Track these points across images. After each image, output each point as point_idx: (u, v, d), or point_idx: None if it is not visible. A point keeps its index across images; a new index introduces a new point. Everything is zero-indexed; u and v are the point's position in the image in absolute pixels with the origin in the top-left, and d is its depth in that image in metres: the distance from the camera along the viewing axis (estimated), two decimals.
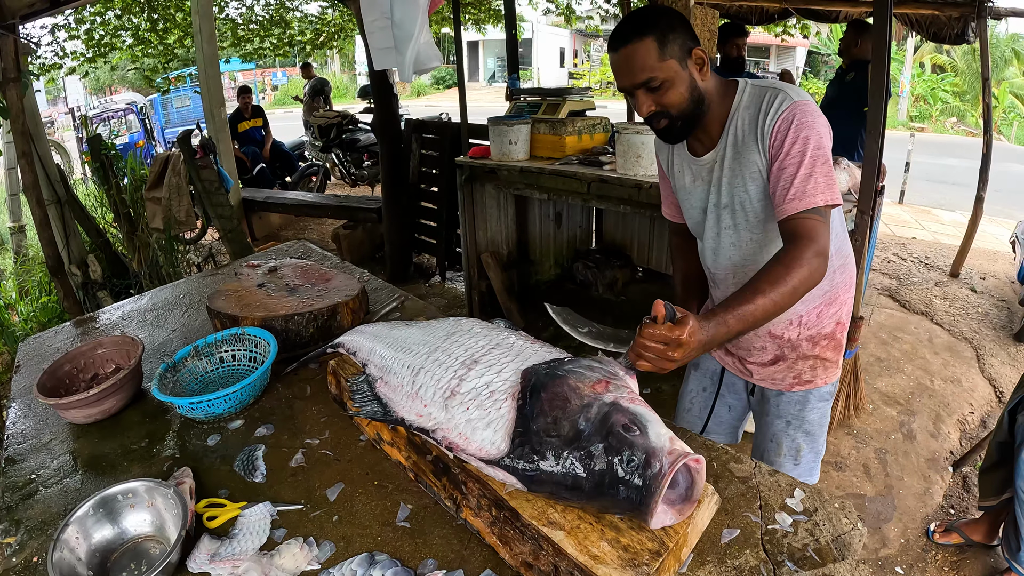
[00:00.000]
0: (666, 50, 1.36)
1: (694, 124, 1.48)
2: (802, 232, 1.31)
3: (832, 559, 1.04)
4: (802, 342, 1.66)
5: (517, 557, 1.02)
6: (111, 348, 1.75)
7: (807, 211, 1.32)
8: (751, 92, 1.45)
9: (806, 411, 1.74)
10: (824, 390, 1.74)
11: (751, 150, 1.43)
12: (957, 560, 2.60)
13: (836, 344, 1.69)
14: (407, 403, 1.19)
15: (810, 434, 1.75)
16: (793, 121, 1.34)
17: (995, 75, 17.97)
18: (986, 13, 5.08)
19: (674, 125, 1.46)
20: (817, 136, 1.34)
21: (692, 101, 1.43)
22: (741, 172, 1.47)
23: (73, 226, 5.30)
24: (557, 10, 9.49)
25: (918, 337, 4.50)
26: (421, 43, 2.88)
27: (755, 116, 1.41)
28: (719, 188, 1.54)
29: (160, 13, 8.40)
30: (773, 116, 1.37)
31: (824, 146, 1.35)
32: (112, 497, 1.15)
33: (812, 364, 1.69)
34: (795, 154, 1.34)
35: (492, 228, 4.56)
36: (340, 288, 1.95)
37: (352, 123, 8.83)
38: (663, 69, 1.37)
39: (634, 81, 1.39)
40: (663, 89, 1.39)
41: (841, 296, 1.67)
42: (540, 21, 23.96)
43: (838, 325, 1.68)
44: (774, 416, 1.78)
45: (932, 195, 9.25)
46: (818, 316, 1.64)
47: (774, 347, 1.70)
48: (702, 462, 0.96)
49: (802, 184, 1.32)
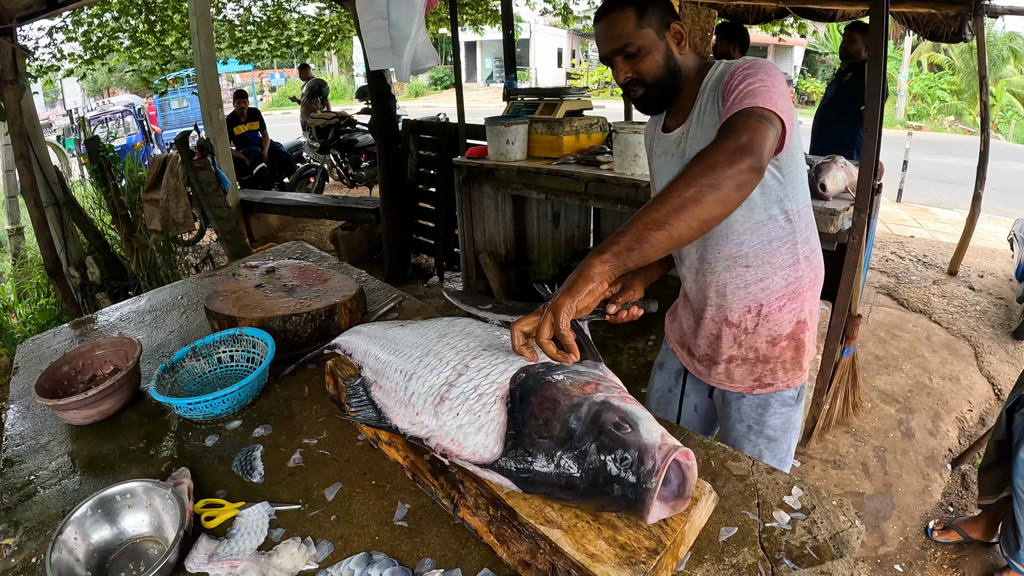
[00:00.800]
0: (644, 19, 1.43)
1: (669, 95, 1.53)
2: (726, 127, 1.22)
3: (830, 557, 1.04)
4: (760, 340, 1.62)
5: (515, 556, 1.02)
6: (109, 349, 1.75)
7: (736, 113, 1.24)
8: (721, 67, 1.47)
9: (767, 416, 1.70)
10: (786, 394, 1.69)
11: (712, 115, 1.44)
12: (956, 558, 2.61)
13: (797, 345, 1.63)
14: (400, 410, 1.19)
15: (773, 440, 1.71)
16: (740, 67, 1.36)
17: (992, 73, 17.99)
18: (983, 11, 5.09)
19: (649, 93, 1.51)
20: (764, 74, 1.31)
21: (667, 70, 1.48)
22: (704, 139, 1.46)
23: (71, 228, 5.30)
24: (554, 10, 9.50)
25: (916, 335, 4.51)
26: (418, 43, 2.88)
27: (716, 83, 1.44)
28: (683, 160, 1.54)
29: (158, 15, 8.41)
30: (728, 73, 1.39)
31: (771, 81, 1.29)
32: (110, 498, 1.15)
33: (772, 367, 1.64)
34: (739, 84, 1.31)
35: (490, 228, 4.57)
36: (338, 289, 1.95)
37: (350, 124, 8.85)
38: (640, 36, 1.44)
39: (613, 47, 1.46)
40: (639, 56, 1.45)
41: (805, 292, 1.60)
42: (538, 21, 23.98)
43: (799, 324, 1.61)
44: (735, 420, 1.74)
45: (930, 193, 9.27)
46: (779, 309, 1.58)
47: (729, 339, 1.64)
48: (691, 455, 0.95)
49: (738, 97, 1.27)
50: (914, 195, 8.92)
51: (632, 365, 4.03)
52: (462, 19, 9.68)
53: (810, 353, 1.67)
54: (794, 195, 1.49)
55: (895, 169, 8.81)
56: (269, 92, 28.64)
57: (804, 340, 1.63)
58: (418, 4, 2.82)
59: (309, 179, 8.94)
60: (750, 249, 1.52)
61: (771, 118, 1.22)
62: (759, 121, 1.20)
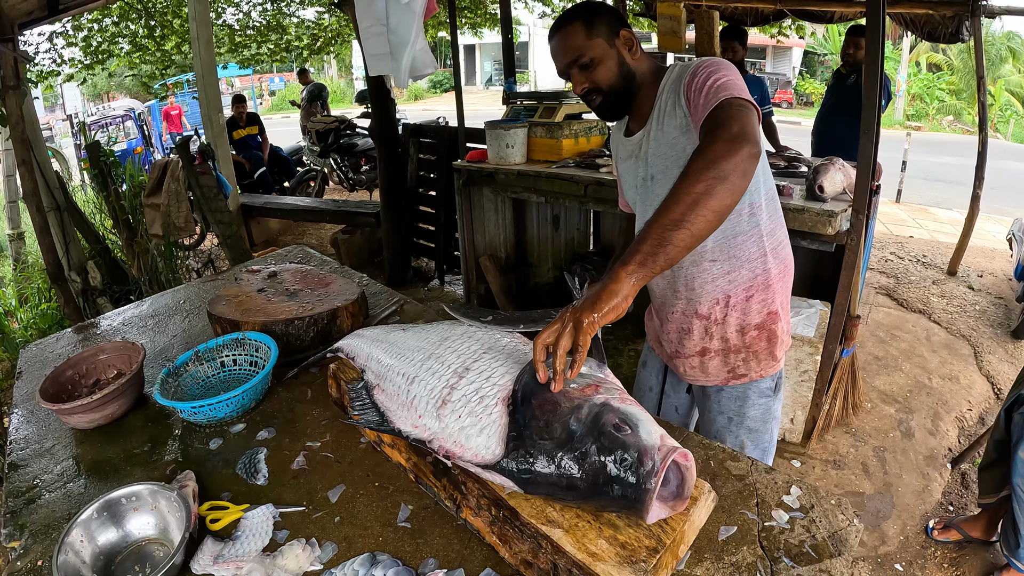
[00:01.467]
0: (593, 31, 1.48)
1: (626, 100, 1.58)
2: (707, 126, 1.29)
3: (829, 555, 1.05)
4: (730, 330, 1.64)
5: (517, 556, 1.03)
6: (113, 354, 1.76)
7: (714, 108, 1.30)
8: (678, 69, 1.51)
9: (747, 407, 1.73)
10: (763, 384, 1.71)
11: (672, 115, 1.48)
12: (956, 557, 2.61)
13: (769, 335, 1.65)
14: (403, 413, 1.21)
15: (753, 431, 1.74)
16: (701, 65, 1.40)
17: (991, 73, 18.02)
18: (980, 12, 5.11)
19: (607, 100, 1.56)
20: (725, 68, 1.37)
21: (621, 76, 1.53)
22: (664, 138, 1.51)
23: (72, 233, 5.32)
24: (553, 13, 9.51)
25: (916, 335, 4.52)
26: (417, 49, 2.90)
27: (676, 82, 1.48)
28: (646, 161, 1.59)
29: (157, 20, 8.42)
30: (687, 71, 1.43)
31: (733, 75, 1.36)
32: (116, 500, 1.16)
33: (744, 357, 1.66)
34: (704, 82, 1.36)
35: (490, 231, 4.58)
36: (340, 293, 1.96)
37: (350, 128, 8.87)
38: (591, 47, 1.49)
39: (567, 60, 1.52)
40: (592, 66, 1.50)
41: (775, 284, 1.62)
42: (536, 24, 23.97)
43: (770, 315, 1.63)
44: (715, 412, 1.77)
45: (929, 193, 9.29)
46: (747, 299, 1.60)
47: (700, 331, 1.66)
48: (690, 456, 0.96)
49: (710, 92, 1.33)
50: (913, 195, 8.94)
51: (633, 367, 4.02)
52: (461, 22, 9.70)
53: (784, 343, 1.69)
54: (755, 188, 1.52)
55: (894, 169, 8.83)
56: (268, 96, 28.68)
57: (776, 331, 1.65)
58: (417, 11, 2.84)
59: (309, 183, 8.96)
60: (715, 244, 1.55)
61: (748, 107, 1.27)
62: (740, 110, 1.26)
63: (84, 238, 5.43)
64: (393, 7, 2.86)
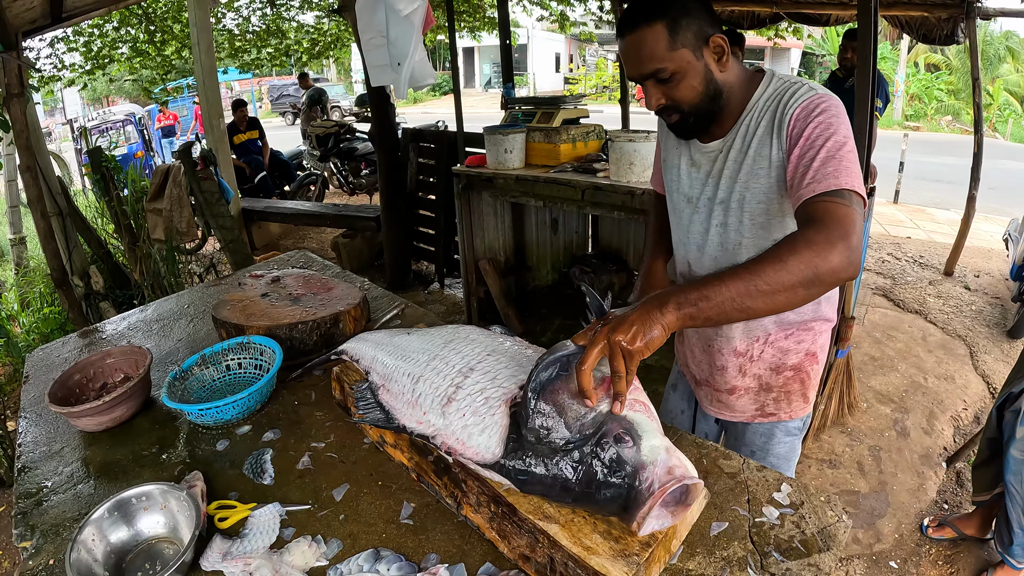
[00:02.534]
0: (678, 38, 1.24)
1: (710, 119, 1.37)
2: (823, 215, 1.12)
3: (817, 550, 1.08)
4: (765, 368, 1.56)
5: (515, 550, 1.07)
6: (120, 358, 1.79)
7: (827, 193, 1.15)
8: (776, 84, 1.33)
9: (772, 444, 1.66)
10: (791, 424, 1.64)
11: (765, 143, 1.31)
12: (951, 554, 2.64)
13: (803, 378, 1.57)
14: (408, 410, 1.24)
15: (775, 466, 1.66)
16: (816, 109, 1.23)
17: (990, 72, 18.04)
18: (975, 14, 5.13)
19: (686, 120, 1.36)
20: (844, 128, 1.21)
21: (707, 96, 1.32)
22: (749, 166, 1.34)
23: (75, 238, 5.35)
24: (551, 17, 9.55)
25: (912, 336, 4.55)
26: (416, 61, 2.95)
27: (776, 108, 1.29)
28: (718, 181, 1.41)
29: (158, 25, 8.44)
30: (793, 104, 1.26)
31: (850, 140, 1.21)
32: (127, 500, 1.20)
33: (776, 396, 1.59)
34: (816, 139, 1.20)
35: (489, 235, 4.61)
36: (342, 297, 2.00)
37: (350, 132, 8.90)
38: (674, 59, 1.26)
39: (642, 72, 1.29)
40: (674, 81, 1.28)
41: (818, 327, 1.54)
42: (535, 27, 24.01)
43: (807, 356, 1.55)
44: (740, 444, 1.71)
45: (927, 194, 9.30)
46: (786, 337, 1.52)
47: (735, 368, 1.58)
48: (700, 486, 0.98)
49: (822, 166, 1.17)
50: (911, 196, 8.95)
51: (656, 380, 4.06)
52: (460, 26, 9.73)
53: (815, 387, 1.62)
54: None
55: (892, 170, 8.85)
56: (268, 100, 28.69)
57: (811, 373, 1.58)
58: (416, 24, 2.89)
59: (310, 187, 9.00)
60: None
61: (859, 202, 1.15)
62: (851, 208, 1.12)
63: (86, 243, 5.46)
64: (393, 20, 2.91)
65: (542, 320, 4.83)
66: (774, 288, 1.02)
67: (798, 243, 1.06)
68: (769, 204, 1.35)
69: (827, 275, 1.05)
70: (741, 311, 1.03)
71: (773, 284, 1.02)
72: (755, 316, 1.06)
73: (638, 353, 0.96)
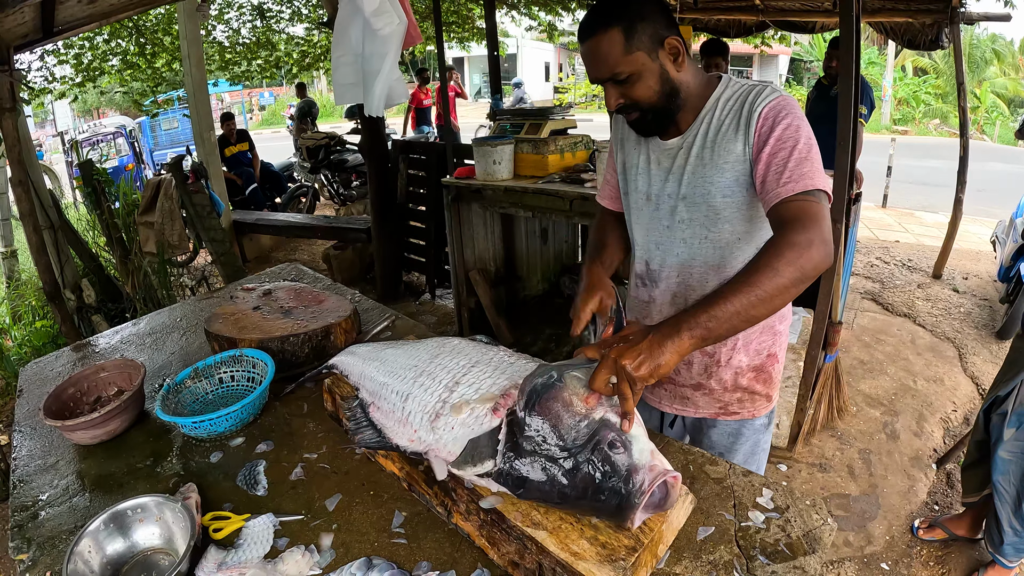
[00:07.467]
0: (633, 41, 1.30)
1: (668, 116, 1.43)
2: (799, 214, 1.21)
3: (803, 552, 1.10)
4: (729, 371, 1.59)
5: (505, 557, 1.09)
6: (113, 371, 1.80)
7: (803, 193, 1.24)
8: (736, 86, 1.41)
9: (738, 443, 1.69)
10: (756, 423, 1.68)
11: (730, 138, 1.37)
12: (942, 555, 2.67)
13: (766, 378, 1.62)
14: (399, 429, 1.27)
15: (743, 463, 1.68)
16: (783, 111, 1.31)
17: (976, 75, 18.22)
18: (959, 19, 5.19)
19: (645, 118, 1.42)
20: (807, 128, 1.30)
21: (663, 94, 1.38)
22: (713, 162, 1.40)
23: (67, 251, 5.34)
24: (539, 27, 9.60)
25: (901, 339, 4.59)
26: (393, 79, 2.95)
27: (740, 107, 1.36)
28: (680, 176, 1.46)
29: (148, 37, 8.45)
30: (761, 103, 1.33)
31: (813, 140, 1.29)
32: (123, 512, 1.21)
33: (740, 397, 1.63)
34: (787, 139, 1.28)
35: (479, 246, 4.63)
36: (333, 309, 2.01)
37: (340, 144, 8.91)
38: (629, 62, 1.32)
39: (600, 75, 1.36)
40: (631, 82, 1.35)
41: (777, 326, 1.60)
42: (524, 36, 24.12)
43: (769, 358, 1.60)
44: (706, 446, 1.71)
45: (915, 197, 9.36)
46: (751, 343, 1.57)
47: (700, 366, 1.61)
48: (679, 478, 1.02)
49: (797, 167, 1.25)
50: (900, 199, 9.01)
51: None
52: (448, 36, 9.77)
53: (778, 384, 1.67)
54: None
55: (880, 174, 8.92)
56: (259, 111, 28.70)
57: (773, 373, 1.63)
58: (393, 43, 2.89)
59: (300, 199, 8.99)
60: None
61: (827, 199, 1.26)
62: (824, 208, 1.24)
63: (78, 256, 5.45)
64: (369, 37, 2.91)
65: (532, 330, 4.84)
66: (772, 294, 1.11)
67: (783, 248, 1.15)
68: (732, 198, 1.41)
69: (812, 271, 1.15)
70: (747, 321, 1.11)
71: (771, 290, 1.11)
72: (758, 323, 1.14)
73: (642, 380, 1.03)
